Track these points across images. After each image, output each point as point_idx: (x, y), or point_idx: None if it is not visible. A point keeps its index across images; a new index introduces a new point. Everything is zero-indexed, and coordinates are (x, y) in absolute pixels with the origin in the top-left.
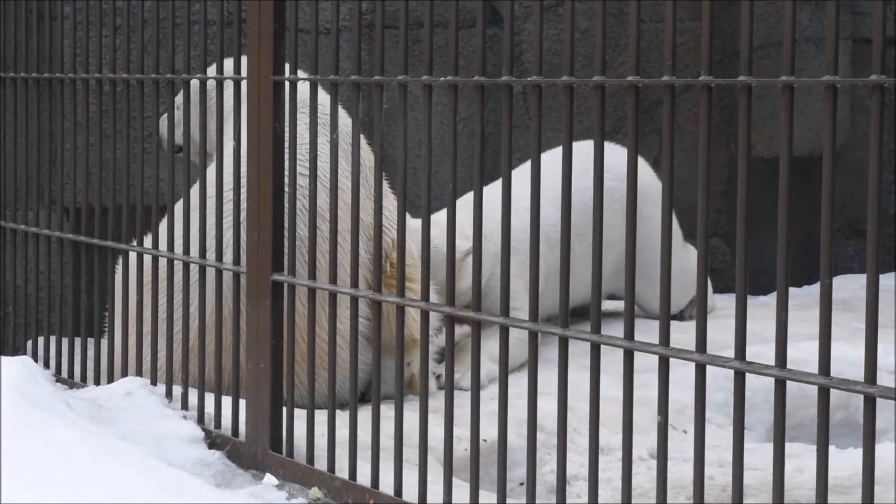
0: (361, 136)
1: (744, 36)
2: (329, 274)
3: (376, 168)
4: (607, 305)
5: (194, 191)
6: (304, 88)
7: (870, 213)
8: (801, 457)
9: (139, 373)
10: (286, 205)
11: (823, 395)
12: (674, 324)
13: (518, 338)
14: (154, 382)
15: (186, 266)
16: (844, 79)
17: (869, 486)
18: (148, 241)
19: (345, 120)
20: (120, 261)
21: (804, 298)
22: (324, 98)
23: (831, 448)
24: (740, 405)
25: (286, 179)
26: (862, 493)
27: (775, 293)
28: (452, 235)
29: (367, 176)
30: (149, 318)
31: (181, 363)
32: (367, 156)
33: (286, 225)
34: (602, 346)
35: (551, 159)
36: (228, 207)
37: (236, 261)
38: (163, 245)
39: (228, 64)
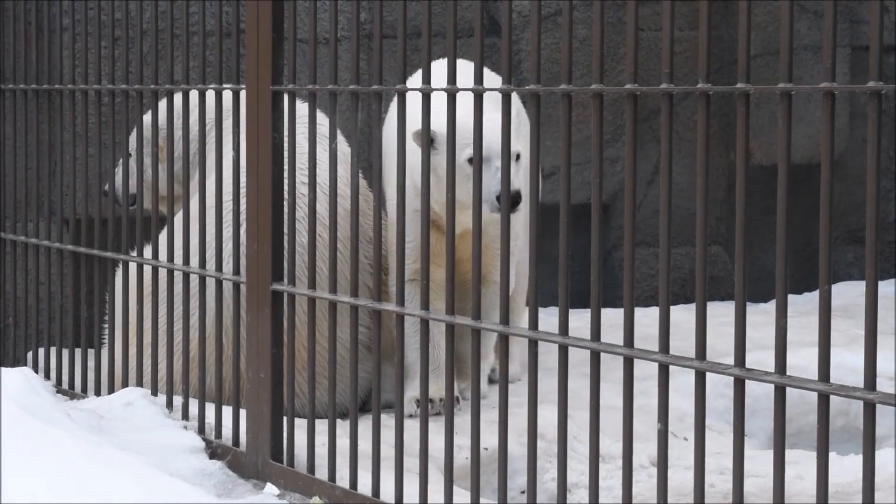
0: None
1: (741, 43)
2: (329, 283)
3: (374, 177)
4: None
5: (194, 201)
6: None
7: (868, 219)
8: (801, 463)
9: (140, 383)
10: (286, 214)
11: (823, 401)
12: (674, 331)
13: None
14: (154, 393)
15: (186, 276)
16: (842, 85)
17: (869, 493)
18: (148, 252)
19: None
20: (119, 269)
21: (804, 305)
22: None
23: (832, 454)
24: (740, 412)
25: (286, 189)
26: (862, 500)
27: (775, 300)
28: (452, 236)
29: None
30: (149, 328)
31: (182, 373)
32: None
33: (286, 234)
34: (602, 354)
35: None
36: (228, 218)
37: (236, 271)
38: (163, 255)
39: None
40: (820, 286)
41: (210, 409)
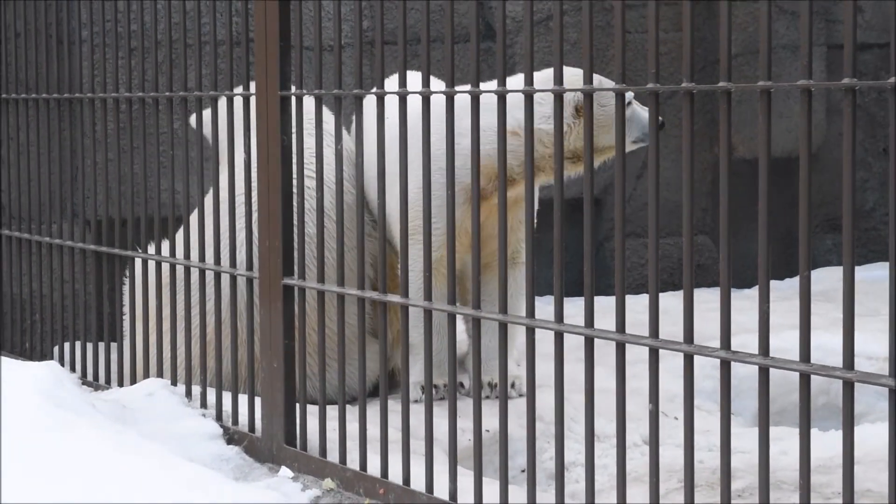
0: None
1: (723, 44)
2: (337, 276)
3: (378, 176)
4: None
5: (208, 202)
6: (308, 103)
7: (844, 208)
8: (785, 440)
9: (160, 374)
10: (295, 213)
11: (804, 381)
12: (663, 317)
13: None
14: (174, 383)
15: (202, 273)
16: (818, 82)
17: (849, 467)
18: (166, 250)
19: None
20: (138, 265)
21: (786, 291)
22: (328, 113)
23: (814, 431)
24: (726, 392)
25: (294, 187)
26: (843, 473)
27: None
28: (453, 238)
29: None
30: (169, 324)
31: (200, 365)
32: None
33: (295, 231)
34: (595, 340)
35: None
36: (241, 216)
37: (249, 267)
38: (180, 253)
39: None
40: (800, 272)
41: (227, 397)
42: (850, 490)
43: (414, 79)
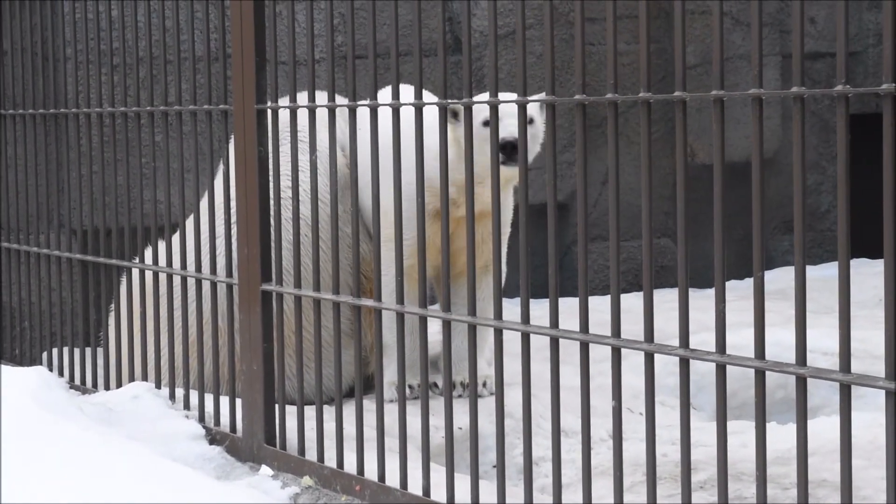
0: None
1: (677, 55)
2: (313, 282)
3: (352, 185)
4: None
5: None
6: (284, 116)
7: (795, 210)
8: (745, 433)
9: (145, 378)
10: (272, 221)
11: (760, 376)
12: (629, 317)
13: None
14: (158, 386)
15: (184, 280)
16: (769, 91)
17: (803, 458)
18: (149, 259)
19: (323, 142)
20: (124, 276)
21: (746, 290)
22: (303, 123)
23: (773, 424)
24: (685, 388)
25: (271, 197)
26: (797, 464)
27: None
28: (423, 244)
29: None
30: (153, 328)
31: (182, 367)
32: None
33: (272, 238)
34: (560, 340)
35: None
36: (221, 225)
37: (229, 273)
38: (163, 261)
39: None
40: (754, 272)
41: (209, 399)
42: (804, 481)
43: (405, 92)
